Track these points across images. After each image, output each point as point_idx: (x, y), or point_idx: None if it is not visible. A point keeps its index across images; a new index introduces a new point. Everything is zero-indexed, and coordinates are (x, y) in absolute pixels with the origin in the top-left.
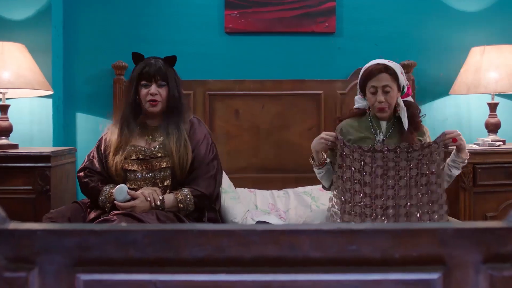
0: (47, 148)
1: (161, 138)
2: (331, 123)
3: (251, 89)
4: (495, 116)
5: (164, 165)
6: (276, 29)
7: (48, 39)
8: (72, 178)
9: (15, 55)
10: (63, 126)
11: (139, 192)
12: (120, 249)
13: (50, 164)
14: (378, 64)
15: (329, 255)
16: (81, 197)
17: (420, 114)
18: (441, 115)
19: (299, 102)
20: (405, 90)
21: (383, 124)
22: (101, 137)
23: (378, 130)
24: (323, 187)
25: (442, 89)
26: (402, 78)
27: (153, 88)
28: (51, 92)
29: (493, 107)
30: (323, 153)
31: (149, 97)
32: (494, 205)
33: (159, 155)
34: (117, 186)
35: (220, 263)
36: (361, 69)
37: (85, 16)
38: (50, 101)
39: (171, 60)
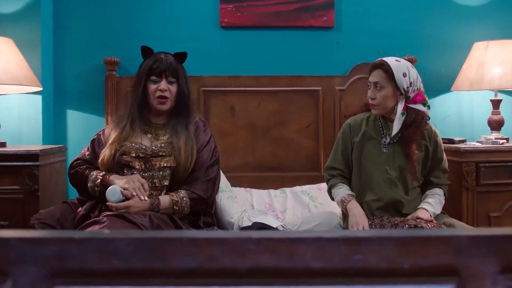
0: (36, 146)
1: (165, 137)
2: (330, 121)
3: (247, 85)
4: (498, 113)
5: (164, 164)
6: (272, 23)
7: (37, 34)
8: (62, 177)
9: (3, 50)
10: (53, 124)
11: (124, 180)
12: (102, 258)
13: (38, 163)
14: (379, 59)
15: (331, 266)
16: (72, 197)
17: (426, 125)
18: (443, 112)
19: (297, 99)
20: (410, 95)
21: (391, 126)
22: (99, 132)
23: (386, 132)
24: (332, 199)
25: (444, 85)
26: (403, 80)
27: (163, 84)
28: (40, 88)
29: (496, 104)
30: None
31: (159, 93)
32: (498, 205)
33: (160, 154)
34: (110, 187)
35: (212, 274)
36: (361, 64)
37: (76, 9)
38: (39, 97)
39: (181, 56)
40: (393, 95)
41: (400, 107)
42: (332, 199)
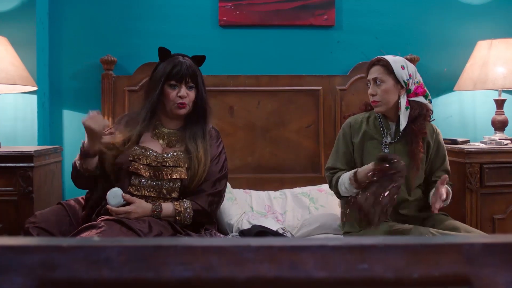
0: (30, 147)
1: (179, 145)
2: (330, 121)
3: (246, 85)
4: (502, 113)
5: (175, 176)
6: (272, 22)
7: (33, 32)
8: (58, 178)
9: None
10: (49, 124)
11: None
12: (91, 268)
13: (32, 164)
14: (376, 57)
15: (336, 275)
16: (68, 198)
17: (431, 118)
18: (445, 112)
19: (297, 99)
20: (411, 87)
21: (392, 125)
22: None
23: (386, 131)
24: (339, 196)
25: (446, 84)
26: (402, 72)
27: (183, 91)
28: (35, 88)
29: (500, 103)
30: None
31: (178, 100)
32: (502, 206)
33: (172, 164)
34: (111, 190)
35: (209, 284)
36: (362, 63)
37: (72, 7)
38: (35, 97)
39: (199, 60)
40: (394, 88)
41: (403, 102)
42: (339, 196)
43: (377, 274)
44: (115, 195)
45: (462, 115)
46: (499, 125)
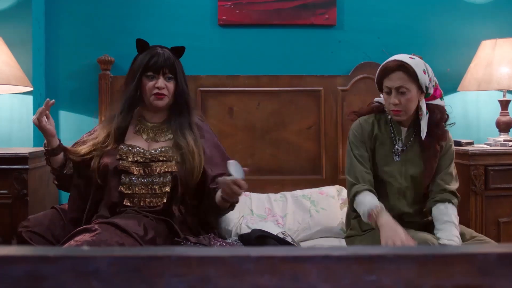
0: (26, 148)
1: (165, 139)
2: (332, 122)
3: (246, 85)
4: (507, 114)
5: (165, 170)
6: (272, 21)
7: (28, 31)
8: None
9: None
10: None
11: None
12: (80, 279)
13: (27, 166)
14: (395, 60)
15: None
16: (64, 201)
17: (449, 122)
18: (448, 113)
19: (298, 99)
20: (430, 91)
21: (403, 130)
22: (85, 134)
23: (397, 137)
24: (352, 208)
25: (450, 85)
26: (425, 78)
27: (161, 82)
28: (30, 88)
29: (504, 104)
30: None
31: (155, 91)
32: (507, 209)
33: (161, 158)
34: (230, 161)
35: None
36: (364, 63)
37: (68, 6)
38: (30, 98)
39: (178, 51)
40: (417, 96)
41: (424, 107)
42: (353, 208)
43: (386, 286)
44: (236, 167)
45: (466, 116)
46: (503, 126)
